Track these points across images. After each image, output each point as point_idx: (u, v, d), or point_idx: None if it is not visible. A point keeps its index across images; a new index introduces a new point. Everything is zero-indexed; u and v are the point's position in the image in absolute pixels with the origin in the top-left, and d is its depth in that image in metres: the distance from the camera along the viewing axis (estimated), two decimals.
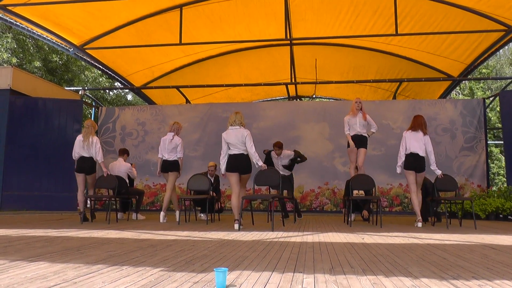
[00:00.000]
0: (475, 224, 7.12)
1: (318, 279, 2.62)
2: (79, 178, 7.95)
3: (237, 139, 6.75)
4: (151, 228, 6.61)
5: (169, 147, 8.07)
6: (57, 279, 2.55)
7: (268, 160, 8.61)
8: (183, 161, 8.37)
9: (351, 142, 8.16)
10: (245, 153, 6.81)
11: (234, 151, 6.80)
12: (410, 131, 7.54)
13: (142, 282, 2.50)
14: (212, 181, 8.71)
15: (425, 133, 7.44)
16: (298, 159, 8.74)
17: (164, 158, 8.13)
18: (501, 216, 9.27)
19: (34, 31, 10.31)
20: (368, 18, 10.69)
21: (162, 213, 7.95)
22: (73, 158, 8.01)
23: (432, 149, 7.39)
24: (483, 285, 2.53)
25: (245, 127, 6.91)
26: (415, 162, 7.34)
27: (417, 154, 7.36)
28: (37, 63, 19.65)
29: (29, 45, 20.18)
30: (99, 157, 7.92)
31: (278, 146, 8.68)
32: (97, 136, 8.12)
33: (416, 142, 7.39)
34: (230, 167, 6.80)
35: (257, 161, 6.82)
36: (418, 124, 7.51)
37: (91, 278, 2.59)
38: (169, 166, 8.10)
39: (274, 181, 7.04)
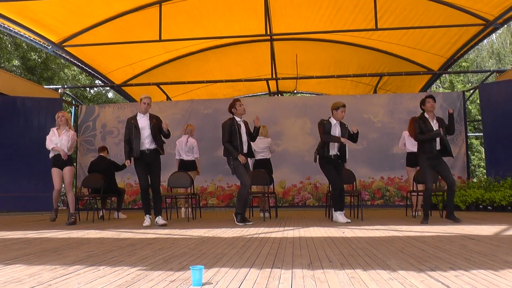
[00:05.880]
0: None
1: (295, 274, 2.62)
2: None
3: (263, 146, 8.70)
4: (132, 226, 6.56)
5: (186, 148, 8.89)
6: (32, 281, 2.51)
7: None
8: (199, 160, 9.21)
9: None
10: (267, 157, 8.78)
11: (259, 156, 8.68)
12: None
13: (118, 282, 2.47)
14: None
15: None
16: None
17: (182, 159, 8.93)
18: (481, 206, 9.40)
19: (11, 29, 10.14)
20: (348, 13, 10.71)
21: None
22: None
23: None
24: (460, 275, 2.55)
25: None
26: (416, 159, 7.62)
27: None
28: (16, 62, 19.38)
29: (7, 43, 19.87)
30: None
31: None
32: None
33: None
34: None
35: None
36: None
37: (67, 280, 2.55)
38: (188, 166, 8.79)
39: (263, 180, 8.06)
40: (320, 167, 7.13)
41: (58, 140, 7.39)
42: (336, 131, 7.02)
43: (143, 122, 6.87)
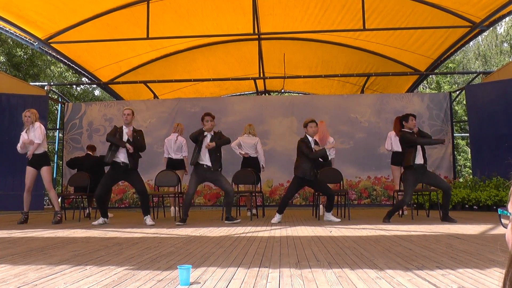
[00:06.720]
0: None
1: (283, 273, 2.62)
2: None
3: (251, 144, 8.57)
4: (119, 226, 6.52)
5: (175, 147, 8.86)
6: (17, 282, 2.48)
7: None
8: (188, 160, 9.00)
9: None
10: (255, 155, 8.65)
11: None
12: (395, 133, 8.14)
13: (105, 282, 2.45)
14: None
15: None
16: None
17: (170, 157, 8.87)
18: (466, 206, 9.48)
19: None
20: (336, 13, 10.74)
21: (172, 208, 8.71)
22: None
23: None
24: (447, 274, 2.57)
25: (214, 121, 7.30)
26: (401, 158, 7.54)
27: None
28: (1, 58, 19.15)
29: None
30: None
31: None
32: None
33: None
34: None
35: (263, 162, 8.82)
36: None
37: (53, 280, 2.52)
38: (177, 165, 8.79)
39: (250, 179, 8.02)
40: (294, 176, 7.25)
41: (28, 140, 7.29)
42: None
43: (125, 135, 6.87)
